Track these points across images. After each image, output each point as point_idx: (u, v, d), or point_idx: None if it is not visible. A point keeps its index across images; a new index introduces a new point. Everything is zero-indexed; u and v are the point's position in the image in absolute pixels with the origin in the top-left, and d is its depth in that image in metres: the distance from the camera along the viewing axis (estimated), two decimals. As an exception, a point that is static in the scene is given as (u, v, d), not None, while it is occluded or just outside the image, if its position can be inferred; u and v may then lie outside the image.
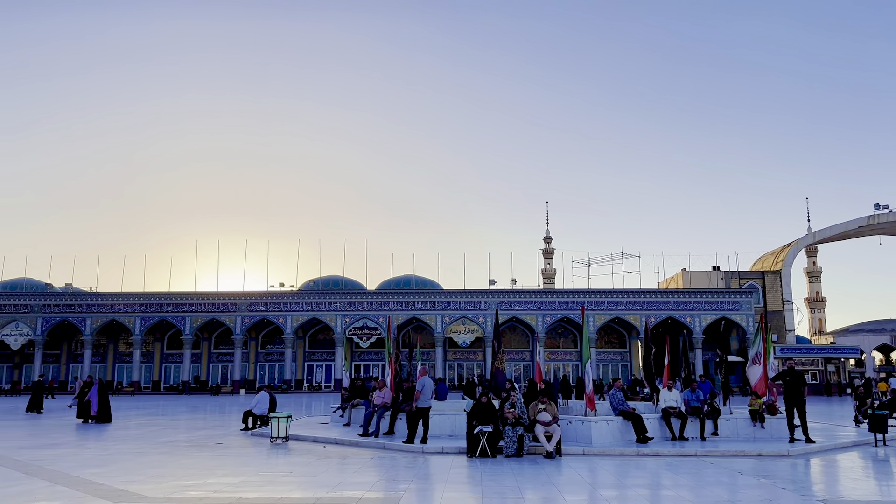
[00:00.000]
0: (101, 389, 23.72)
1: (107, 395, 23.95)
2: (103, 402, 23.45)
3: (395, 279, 61.26)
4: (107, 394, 24.06)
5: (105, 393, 23.88)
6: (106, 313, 57.75)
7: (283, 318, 57.65)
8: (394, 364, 18.18)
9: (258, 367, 60.99)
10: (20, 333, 57.31)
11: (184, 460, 13.33)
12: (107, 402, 23.74)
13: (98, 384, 24.01)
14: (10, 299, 57.94)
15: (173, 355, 61.20)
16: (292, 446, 15.52)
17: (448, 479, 10.73)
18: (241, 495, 9.31)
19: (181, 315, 57.61)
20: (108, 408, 23.59)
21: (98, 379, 24.98)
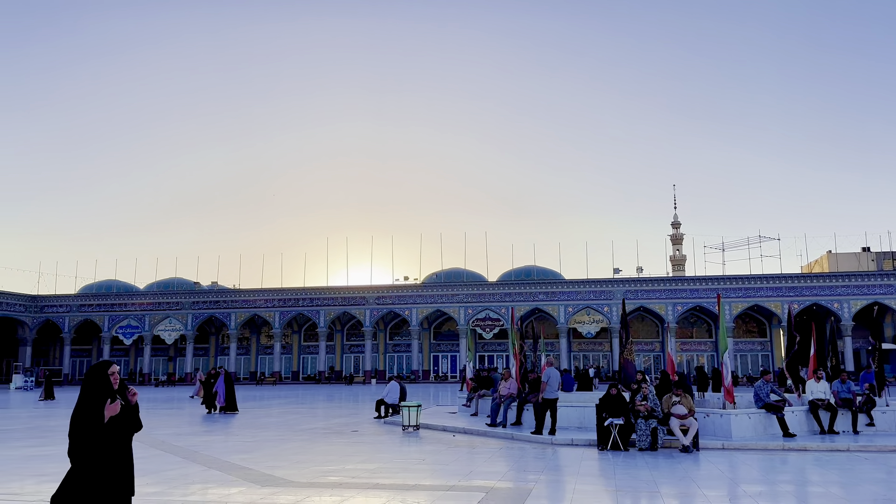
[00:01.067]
0: (227, 380, 23.62)
1: (232, 386, 23.83)
2: (229, 393, 23.47)
3: (515, 270, 61.13)
4: (232, 384, 23.92)
5: (231, 383, 23.73)
6: (248, 308, 61.73)
7: (409, 310, 59.14)
8: (518, 355, 18.16)
9: (387, 358, 62.99)
10: (173, 329, 62.47)
11: (323, 447, 14.00)
12: (232, 392, 23.71)
13: (224, 375, 23.87)
14: (164, 297, 63.25)
15: (310, 347, 64.44)
16: (423, 434, 15.90)
17: (579, 471, 10.59)
18: (378, 481, 9.65)
19: (316, 309, 60.52)
20: (233, 398, 23.65)
21: (223, 369, 24.85)
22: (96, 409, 4.53)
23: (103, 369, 4.61)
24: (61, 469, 11.07)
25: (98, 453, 4.54)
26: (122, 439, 4.69)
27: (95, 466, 4.54)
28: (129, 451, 4.78)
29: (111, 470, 4.57)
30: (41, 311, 64.07)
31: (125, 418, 4.72)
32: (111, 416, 4.55)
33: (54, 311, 64.08)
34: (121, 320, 63.10)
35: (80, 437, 4.54)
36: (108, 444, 4.57)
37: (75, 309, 63.97)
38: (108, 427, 4.59)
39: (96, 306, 63.82)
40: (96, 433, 4.52)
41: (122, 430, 4.69)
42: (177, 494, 8.70)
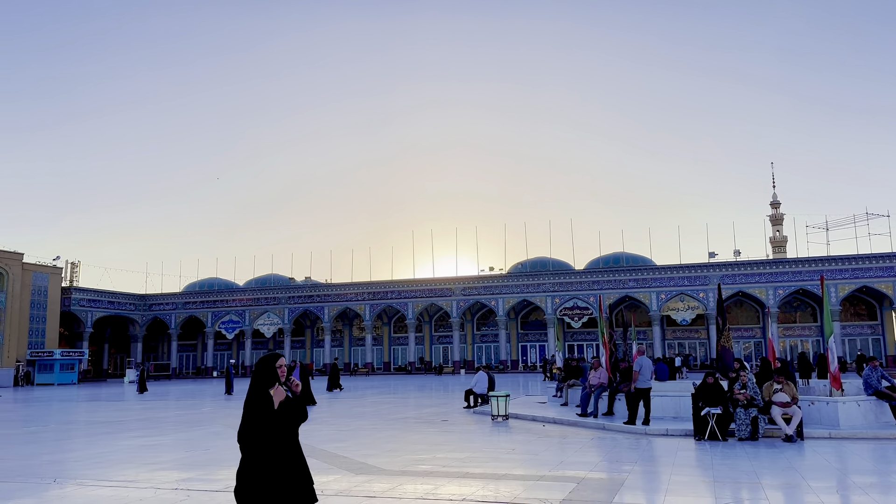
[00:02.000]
0: (303, 372, 23.64)
1: (308, 378, 23.70)
2: (305, 385, 23.30)
3: (603, 257, 59.95)
4: (308, 376, 23.80)
5: (307, 375, 23.62)
6: (340, 302, 63.46)
7: (495, 300, 59.13)
8: (608, 344, 17.83)
9: (475, 348, 63.28)
10: (271, 323, 65.07)
11: (414, 436, 14.25)
12: (308, 384, 23.59)
13: (300, 367, 23.99)
14: (262, 293, 65.93)
15: (399, 338, 65.61)
16: (512, 424, 15.89)
17: (675, 461, 10.30)
18: (468, 470, 9.73)
19: (403, 301, 61.52)
20: (309, 390, 23.49)
21: (299, 362, 24.86)
22: (266, 396, 4.67)
23: (272, 361, 4.78)
24: (172, 458, 11.83)
25: (268, 439, 4.65)
26: (289, 429, 4.77)
27: (266, 453, 4.65)
28: (296, 441, 4.86)
29: (282, 458, 4.65)
30: (150, 309, 68.15)
31: (290, 408, 4.80)
32: (279, 401, 4.66)
33: (161, 309, 68.02)
34: (223, 316, 66.25)
35: (252, 423, 4.68)
36: (278, 432, 4.66)
37: (181, 306, 67.66)
38: (277, 415, 4.68)
39: (200, 303, 67.26)
40: (267, 419, 4.64)
41: (288, 420, 4.77)
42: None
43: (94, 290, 63.11)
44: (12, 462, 11.59)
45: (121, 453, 12.64)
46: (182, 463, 11.20)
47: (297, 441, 4.84)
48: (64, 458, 12.08)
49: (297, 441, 4.85)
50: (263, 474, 4.65)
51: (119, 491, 8.65)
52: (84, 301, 61.73)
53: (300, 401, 4.91)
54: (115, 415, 22.31)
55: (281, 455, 4.66)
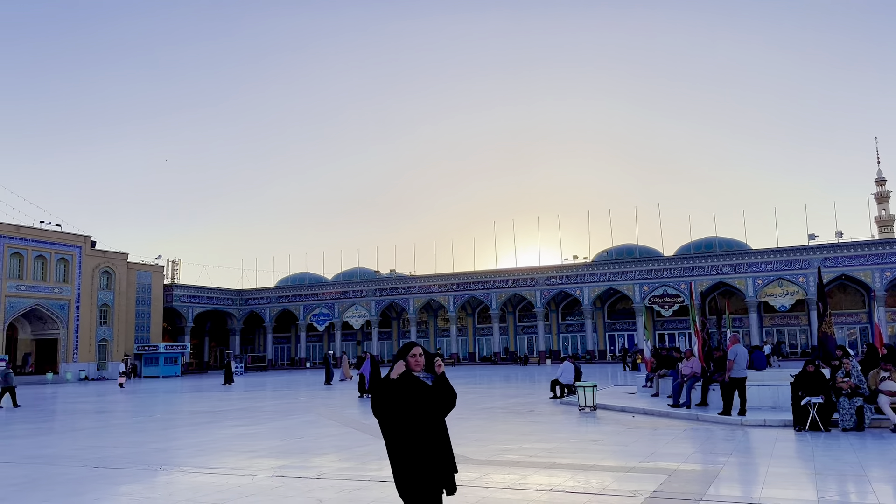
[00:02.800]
0: (373, 364, 23.61)
1: (378, 369, 23.54)
2: (375, 377, 23.00)
3: (694, 242, 57.90)
4: (378, 368, 23.69)
5: (377, 367, 23.56)
6: (424, 294, 64.22)
7: (580, 289, 58.26)
8: (700, 332, 17.22)
9: (560, 338, 62.64)
10: (359, 315, 66.65)
11: (501, 426, 14.26)
12: (378, 376, 23.13)
13: (369, 359, 23.93)
14: (349, 286, 67.59)
15: (484, 329, 65.78)
16: (600, 415, 15.64)
17: (773, 452, 9.86)
18: (555, 460, 9.65)
19: (487, 291, 61.58)
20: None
21: (369, 354, 24.71)
22: (388, 374, 4.86)
23: (407, 349, 4.95)
24: (268, 446, 12.31)
25: (390, 411, 4.76)
26: (431, 414, 4.81)
27: (391, 425, 4.78)
28: (442, 427, 4.87)
29: (411, 434, 4.73)
30: (246, 304, 71.16)
31: (432, 393, 4.84)
32: (398, 373, 4.79)
33: (257, 303, 70.89)
34: (314, 309, 68.37)
35: (375, 396, 4.87)
36: (401, 406, 4.74)
37: (274, 300, 70.29)
38: (396, 387, 4.77)
39: (292, 297, 69.65)
40: (385, 390, 4.78)
41: (430, 404, 4.81)
42: (368, 470, 9.29)
43: (194, 287, 66.46)
44: (123, 449, 12.38)
45: (220, 442, 13.28)
46: (277, 451, 11.64)
47: (434, 423, 4.83)
48: (169, 447, 12.81)
49: (436, 424, 4.85)
50: (394, 447, 4.83)
51: (219, 478, 9.08)
52: (185, 297, 65.11)
53: (441, 384, 4.91)
54: (216, 405, 23.44)
55: (409, 430, 4.76)
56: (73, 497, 8.06)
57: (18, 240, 49.24)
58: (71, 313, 52.19)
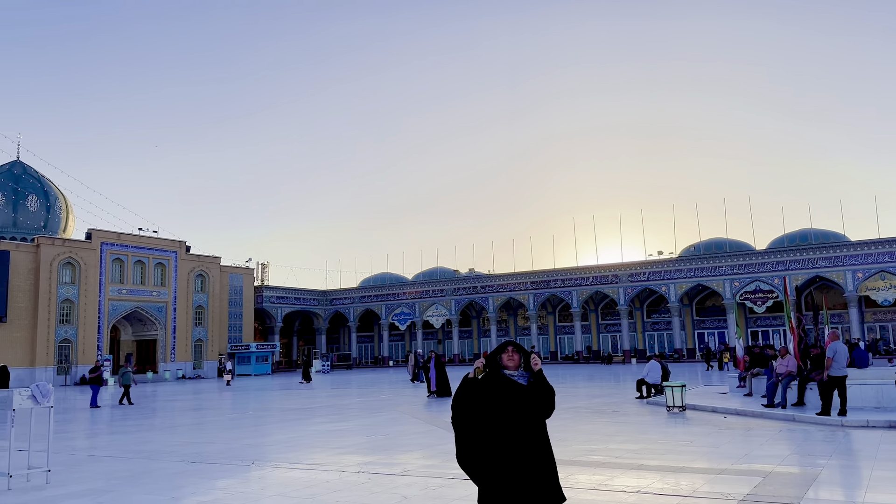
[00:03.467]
0: (438, 364, 23.40)
1: (443, 370, 23.42)
2: (441, 377, 22.96)
3: (788, 235, 55.21)
4: (443, 368, 23.53)
5: (442, 367, 23.38)
6: (504, 292, 64.07)
7: (666, 286, 56.63)
8: (796, 329, 16.42)
9: (646, 336, 61.12)
10: (439, 314, 67.21)
11: (584, 426, 14.04)
12: (444, 376, 23.12)
13: (434, 359, 23.56)
14: (429, 286, 68.27)
15: (565, 327, 65.00)
16: (689, 415, 15.17)
17: (877, 455, 9.29)
18: (643, 462, 9.43)
19: (567, 289, 60.80)
20: (445, 382, 23.01)
21: (434, 353, 24.62)
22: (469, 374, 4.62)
23: (501, 347, 4.65)
24: (355, 442, 12.59)
25: (470, 410, 4.45)
26: (526, 418, 4.41)
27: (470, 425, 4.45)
28: (541, 434, 4.42)
29: (510, 454, 4.31)
30: (331, 304, 73.06)
31: (527, 394, 4.45)
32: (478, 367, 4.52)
33: (341, 303, 72.65)
34: (395, 308, 69.44)
35: (455, 398, 4.60)
36: (480, 404, 4.41)
37: (357, 300, 71.84)
38: (479, 386, 4.48)
39: (374, 297, 71.00)
40: (467, 388, 4.52)
41: (524, 407, 4.41)
42: (452, 468, 9.35)
43: (283, 288, 68.78)
44: (218, 445, 12.94)
45: (309, 438, 13.68)
46: (364, 447, 11.89)
47: (530, 430, 4.40)
48: (260, 443, 13.30)
49: (533, 431, 4.42)
50: (479, 461, 4.45)
51: (308, 473, 9.36)
52: (274, 298, 67.47)
53: (538, 383, 4.54)
54: (304, 402, 24.17)
55: (499, 439, 4.35)
56: (173, 491, 8.48)
57: (119, 246, 52.31)
58: (168, 315, 55.02)
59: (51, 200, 55.72)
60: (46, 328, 46.93)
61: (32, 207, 54.17)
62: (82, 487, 8.75)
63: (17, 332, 45.80)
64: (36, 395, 8.96)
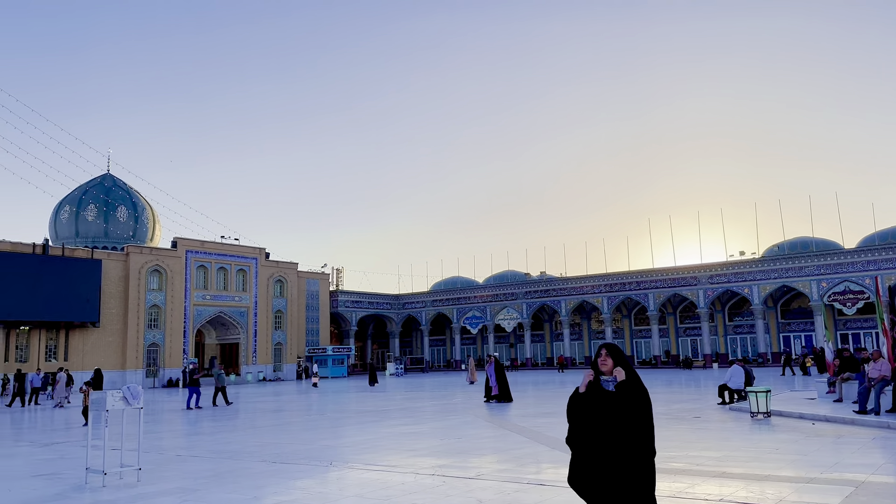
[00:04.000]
0: (498, 368, 22.93)
1: (503, 374, 23.09)
2: (501, 381, 22.63)
3: (879, 233, 52.21)
4: (503, 372, 23.19)
5: (502, 371, 23.04)
6: (576, 295, 63.20)
7: (749, 287, 54.53)
8: (889, 332, 15.51)
9: (727, 340, 59.01)
10: (511, 318, 66.90)
11: (663, 432, 13.63)
12: (504, 380, 22.78)
13: (494, 363, 23.20)
14: (500, 289, 68.09)
15: (641, 331, 63.52)
16: (775, 422, 14.55)
17: None
18: (725, 469, 9.10)
19: (643, 292, 59.39)
20: (506, 387, 22.64)
21: (494, 357, 24.19)
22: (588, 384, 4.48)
23: (596, 356, 4.57)
24: (429, 445, 12.67)
25: (575, 420, 4.40)
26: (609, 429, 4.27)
27: (572, 435, 4.42)
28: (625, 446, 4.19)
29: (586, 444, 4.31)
30: (403, 308, 73.92)
31: (612, 402, 4.30)
32: (585, 384, 4.40)
33: (413, 307, 73.40)
34: (466, 312, 69.60)
35: (569, 404, 4.55)
36: (583, 415, 4.34)
37: (429, 304, 72.41)
38: (583, 399, 4.39)
39: (445, 300, 71.40)
40: (574, 401, 4.45)
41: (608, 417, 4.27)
42: (526, 472, 9.28)
43: (357, 293, 70.08)
44: (297, 446, 13.28)
45: (384, 440, 13.86)
46: (437, 450, 11.95)
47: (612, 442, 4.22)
48: (337, 444, 13.57)
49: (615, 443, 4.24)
50: (573, 455, 4.44)
51: (384, 475, 9.48)
52: (348, 302, 68.82)
53: (624, 391, 4.37)
54: (379, 404, 24.51)
55: (584, 450, 4.31)
56: (255, 490, 8.75)
57: (203, 254, 54.52)
58: (249, 319, 56.93)
59: (138, 211, 58.61)
60: (136, 333, 49.37)
61: (122, 218, 57.12)
62: (171, 486, 9.15)
63: (109, 337, 48.37)
64: (127, 396, 9.43)
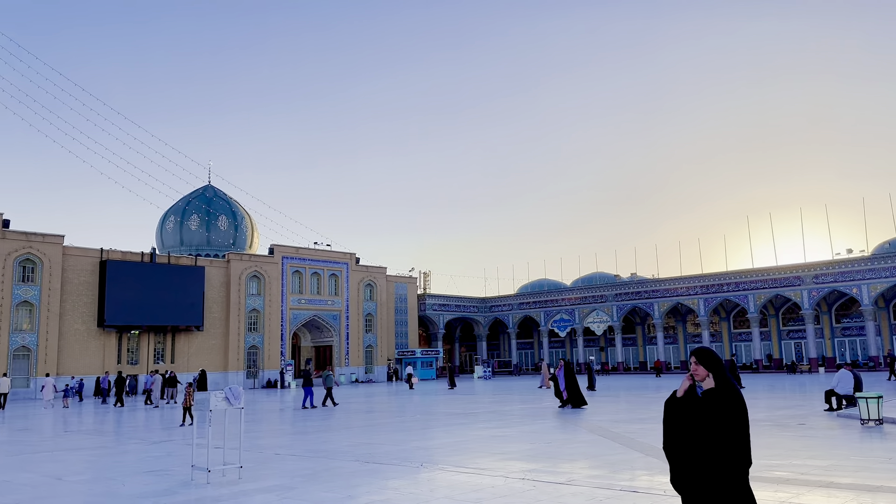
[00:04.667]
0: (568, 372, 22.31)
1: (574, 378, 22.39)
2: (571, 385, 22.03)
3: None
4: (574, 376, 22.49)
5: (572, 375, 22.32)
6: (670, 297, 61.25)
7: (857, 287, 51.24)
8: None
9: (835, 343, 55.63)
10: (601, 321, 65.59)
11: (766, 439, 13.06)
12: (574, 385, 22.16)
13: (564, 366, 22.59)
14: (588, 292, 66.91)
15: (741, 334, 60.86)
16: (888, 430, 13.63)
17: None
18: (833, 479, 8.61)
19: (743, 293, 56.88)
20: (576, 391, 22.02)
21: (564, 361, 23.44)
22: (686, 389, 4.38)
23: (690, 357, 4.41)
24: (518, 448, 12.64)
25: (669, 426, 4.33)
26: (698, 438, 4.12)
27: (667, 441, 4.35)
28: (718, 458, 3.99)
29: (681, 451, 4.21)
30: (490, 311, 73.91)
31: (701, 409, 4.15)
32: (684, 389, 4.30)
33: (500, 310, 73.27)
34: (554, 315, 68.82)
35: (664, 412, 4.49)
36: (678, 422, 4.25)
37: (516, 307, 72.08)
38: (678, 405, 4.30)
39: (532, 303, 70.86)
40: (669, 407, 4.39)
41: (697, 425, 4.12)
42: (619, 479, 9.10)
43: (444, 296, 70.67)
44: (389, 447, 13.53)
45: (474, 443, 13.91)
46: (527, 454, 11.88)
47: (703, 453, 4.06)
48: (427, 445, 13.73)
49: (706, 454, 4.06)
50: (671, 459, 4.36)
51: (474, 477, 9.52)
52: (436, 306, 69.49)
53: (714, 398, 4.16)
54: (467, 407, 24.61)
55: (678, 461, 4.22)
56: (349, 489, 8.99)
57: (298, 259, 56.47)
58: (341, 322, 58.49)
59: (238, 219, 61.34)
60: (237, 336, 51.67)
61: (222, 227, 59.94)
62: (270, 483, 9.53)
63: (212, 340, 50.86)
64: (229, 397, 9.90)
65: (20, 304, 41.53)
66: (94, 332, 44.77)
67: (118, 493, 9.08)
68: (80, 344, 44.06)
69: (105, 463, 12.30)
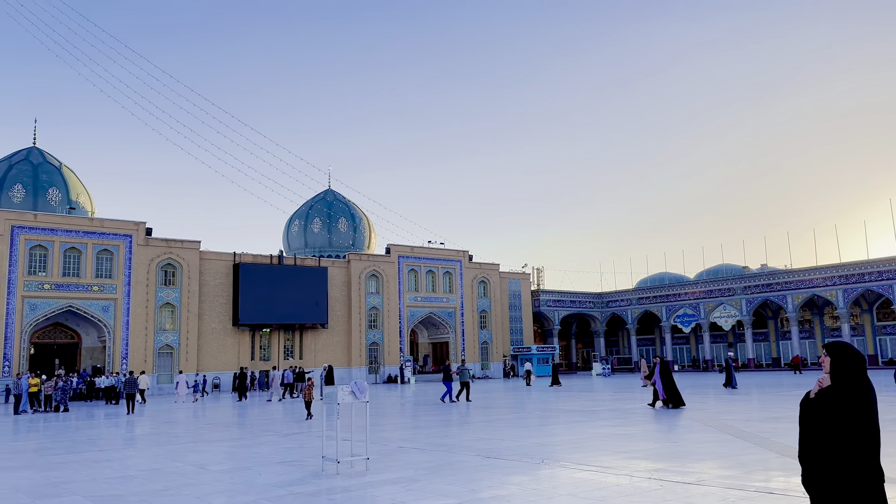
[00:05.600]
0: (664, 370, 21.43)
1: (671, 377, 21.31)
2: (667, 384, 21.16)
3: None
4: (671, 375, 21.40)
5: (668, 373, 21.25)
6: (805, 289, 57.37)
7: None
8: None
9: None
10: (728, 315, 62.42)
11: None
12: (671, 384, 21.21)
13: (660, 364, 21.68)
14: (714, 285, 63.85)
15: (885, 327, 56.07)
16: None
17: None
18: None
19: (888, 283, 52.33)
20: (674, 390, 21.06)
21: (660, 358, 22.32)
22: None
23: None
24: (642, 447, 12.30)
25: (803, 426, 4.10)
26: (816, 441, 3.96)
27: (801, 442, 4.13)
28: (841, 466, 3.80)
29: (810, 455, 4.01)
30: (607, 306, 72.22)
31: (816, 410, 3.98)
32: (819, 389, 4.05)
33: (617, 305, 71.43)
34: (677, 310, 66.23)
35: (799, 412, 4.27)
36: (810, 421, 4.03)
37: (635, 302, 70.01)
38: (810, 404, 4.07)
39: (653, 298, 68.55)
40: (802, 408, 4.15)
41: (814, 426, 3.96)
42: (753, 480, 8.64)
43: (558, 292, 69.83)
44: (508, 442, 13.54)
45: (595, 440, 13.65)
46: (652, 453, 11.52)
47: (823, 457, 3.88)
48: (547, 442, 13.61)
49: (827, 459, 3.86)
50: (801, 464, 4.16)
51: (597, 475, 9.34)
52: (550, 302, 68.77)
53: (829, 397, 3.94)
54: (586, 404, 24.19)
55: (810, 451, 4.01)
56: (471, 483, 9.07)
57: (413, 258, 57.69)
58: (457, 319, 59.17)
59: (356, 221, 63.47)
60: (359, 333, 53.54)
61: (342, 229, 62.24)
62: (395, 475, 9.79)
63: (336, 337, 52.97)
64: (355, 391, 10.26)
65: (163, 306, 45.07)
66: (229, 331, 47.87)
67: (255, 482, 9.64)
68: (218, 342, 47.25)
69: (243, 454, 13.09)
